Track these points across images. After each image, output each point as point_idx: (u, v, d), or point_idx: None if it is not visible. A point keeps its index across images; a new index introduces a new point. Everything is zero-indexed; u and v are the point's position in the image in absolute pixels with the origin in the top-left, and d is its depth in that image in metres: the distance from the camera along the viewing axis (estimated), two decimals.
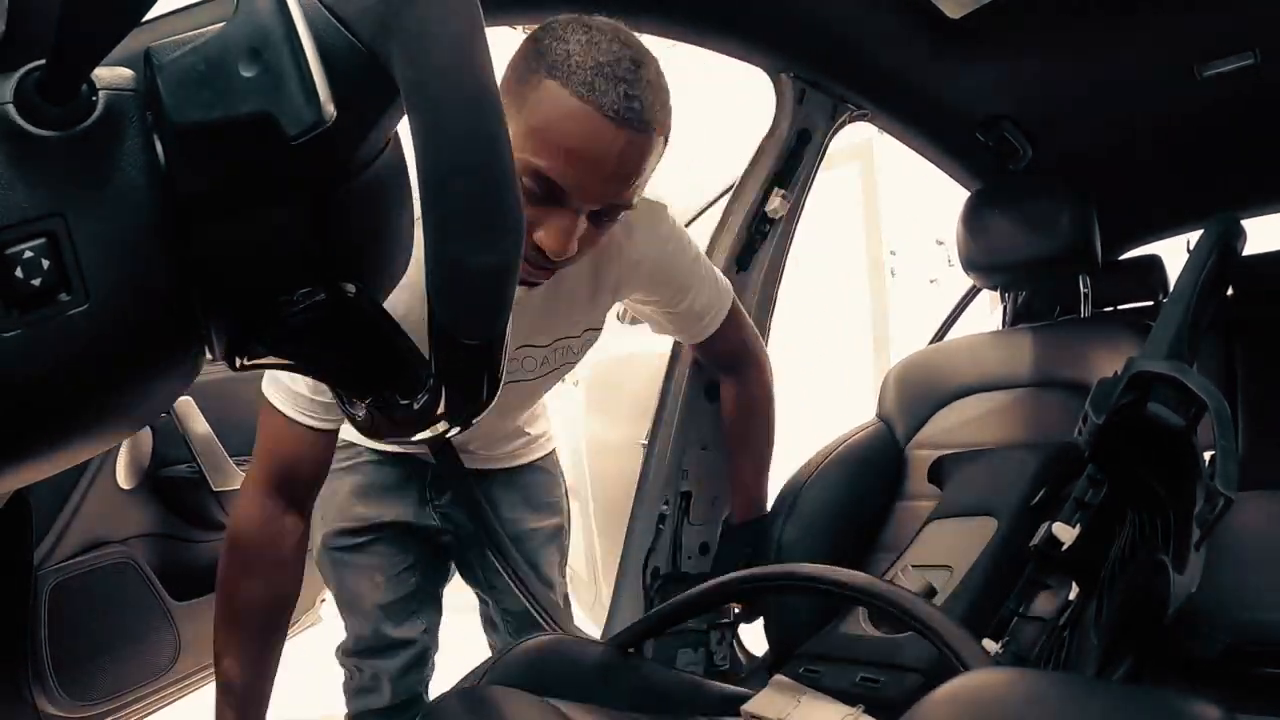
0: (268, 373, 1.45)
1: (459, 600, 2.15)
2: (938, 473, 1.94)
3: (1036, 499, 1.69)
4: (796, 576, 1.39)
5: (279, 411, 1.44)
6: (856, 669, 1.48)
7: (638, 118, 1.20)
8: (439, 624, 2.04)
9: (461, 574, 2.11)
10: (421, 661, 1.98)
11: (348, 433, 1.70)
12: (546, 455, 2.11)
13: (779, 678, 1.52)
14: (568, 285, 1.56)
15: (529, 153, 1.21)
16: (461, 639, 2.21)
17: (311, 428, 1.44)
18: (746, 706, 1.45)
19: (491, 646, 2.13)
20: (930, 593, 1.54)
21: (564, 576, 2.13)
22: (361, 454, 1.89)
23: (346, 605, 1.95)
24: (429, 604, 2.01)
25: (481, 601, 2.14)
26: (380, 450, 1.89)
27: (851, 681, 1.47)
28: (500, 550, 1.90)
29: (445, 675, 1.79)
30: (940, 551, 1.72)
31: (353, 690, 2.01)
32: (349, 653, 1.98)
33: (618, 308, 1.86)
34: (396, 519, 1.91)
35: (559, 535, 2.09)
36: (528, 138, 1.21)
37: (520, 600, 1.96)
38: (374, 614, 1.91)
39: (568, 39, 1.20)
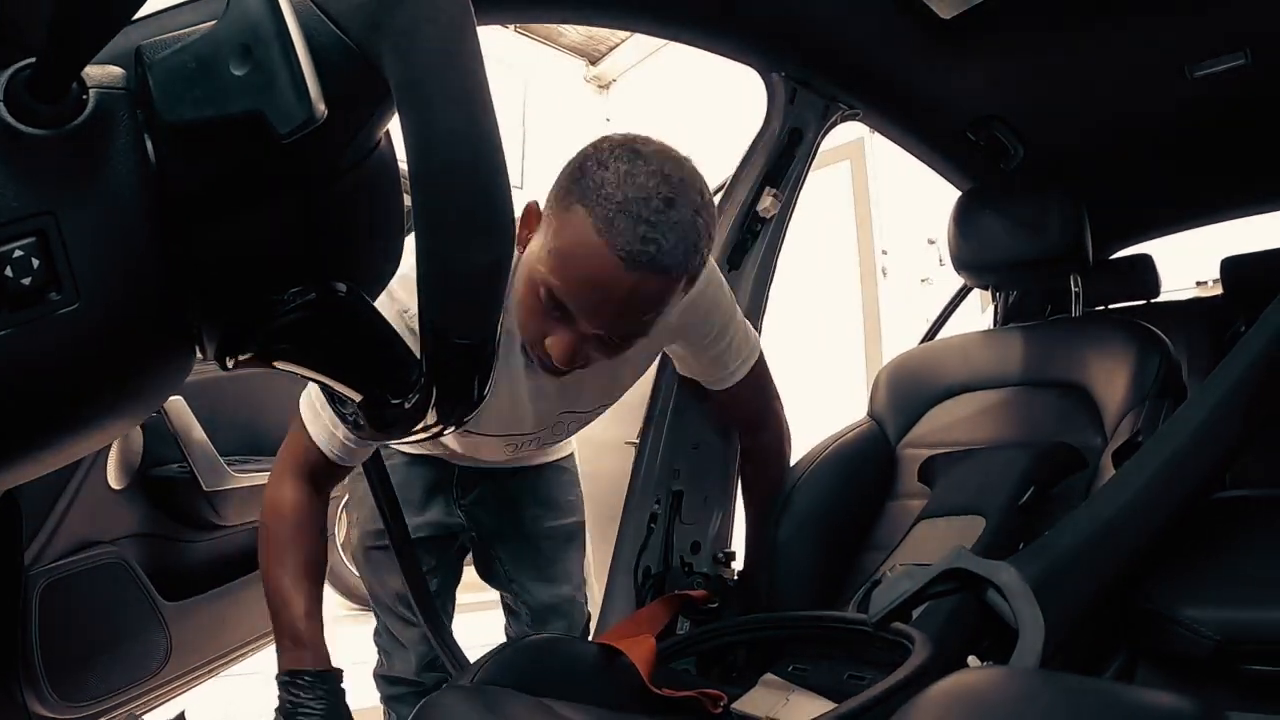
0: (305, 396, 1.51)
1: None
2: (928, 472, 1.94)
3: (1025, 498, 1.69)
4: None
5: (311, 439, 1.51)
6: (843, 667, 1.49)
7: (652, 261, 1.20)
8: (453, 618, 2.12)
9: (479, 570, 2.18)
10: None
11: None
12: (567, 455, 2.19)
13: (768, 676, 1.53)
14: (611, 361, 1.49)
15: (545, 269, 1.25)
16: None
17: (338, 460, 1.53)
18: (736, 704, 1.45)
19: (507, 632, 2.22)
20: None
21: (583, 572, 2.21)
22: (393, 455, 1.96)
23: (376, 600, 2.07)
24: (449, 602, 2.11)
25: (498, 589, 2.21)
26: (410, 452, 1.97)
27: (839, 679, 1.47)
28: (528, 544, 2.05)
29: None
30: (929, 551, 1.72)
31: (382, 676, 2.12)
32: (380, 641, 2.12)
33: None
34: (425, 523, 1.99)
35: (579, 532, 2.17)
36: (547, 255, 1.25)
37: (539, 594, 2.08)
38: (403, 612, 2.00)
39: (609, 165, 1.21)
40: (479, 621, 2.24)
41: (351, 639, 1.93)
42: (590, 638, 2.06)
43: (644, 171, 1.21)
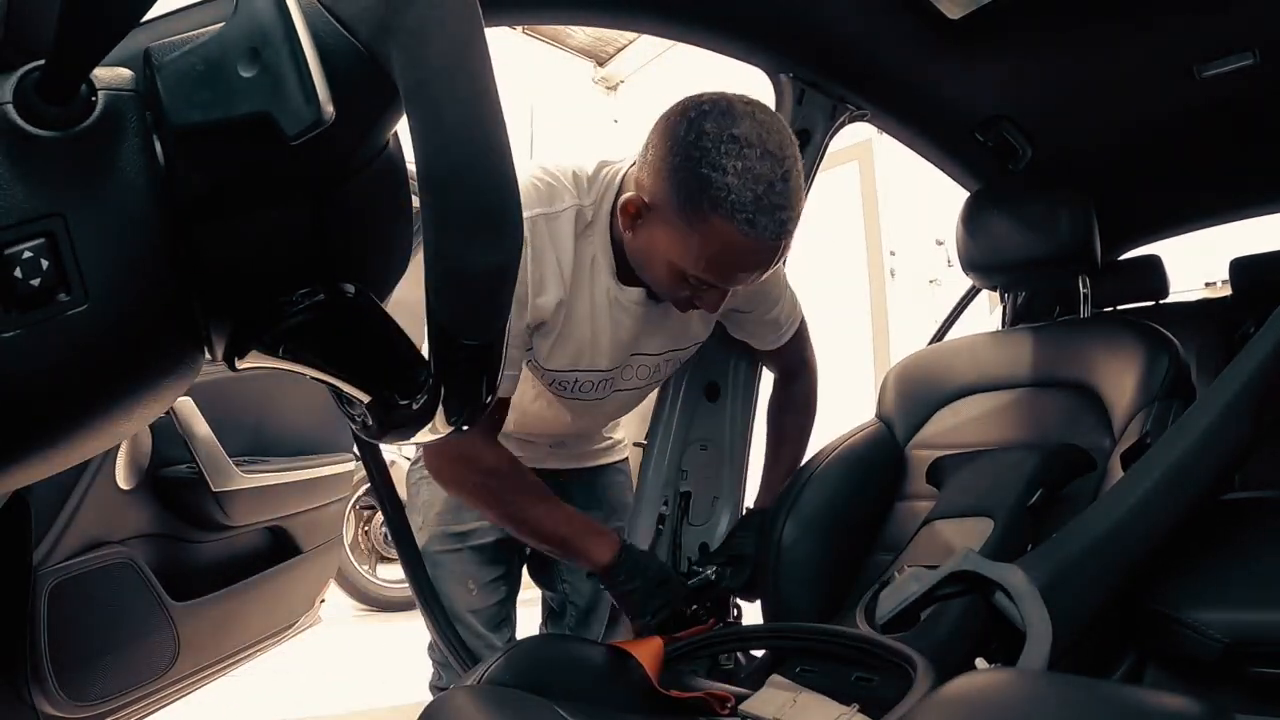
0: None
1: None
2: (936, 473, 1.94)
3: (1033, 500, 1.69)
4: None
5: None
6: (851, 669, 1.49)
7: (790, 230, 1.40)
8: (515, 626, 2.13)
9: (532, 571, 2.18)
10: None
11: None
12: (624, 459, 2.20)
13: (776, 677, 1.53)
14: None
15: (702, 270, 1.42)
16: None
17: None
18: (744, 706, 1.45)
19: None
20: None
21: None
22: None
23: (436, 609, 2.02)
24: (513, 612, 2.10)
25: (548, 590, 2.23)
26: None
27: (847, 681, 1.47)
28: None
29: None
30: (937, 553, 1.72)
31: (438, 688, 2.10)
32: (435, 655, 2.08)
33: None
34: (488, 531, 1.98)
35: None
36: (697, 259, 1.41)
37: (589, 594, 2.11)
38: (467, 619, 1.98)
39: (724, 166, 1.33)
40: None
41: (361, 640, 1.91)
42: (600, 638, 2.06)
43: (755, 157, 1.33)
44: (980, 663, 1.35)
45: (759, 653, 1.91)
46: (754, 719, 1.42)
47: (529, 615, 2.17)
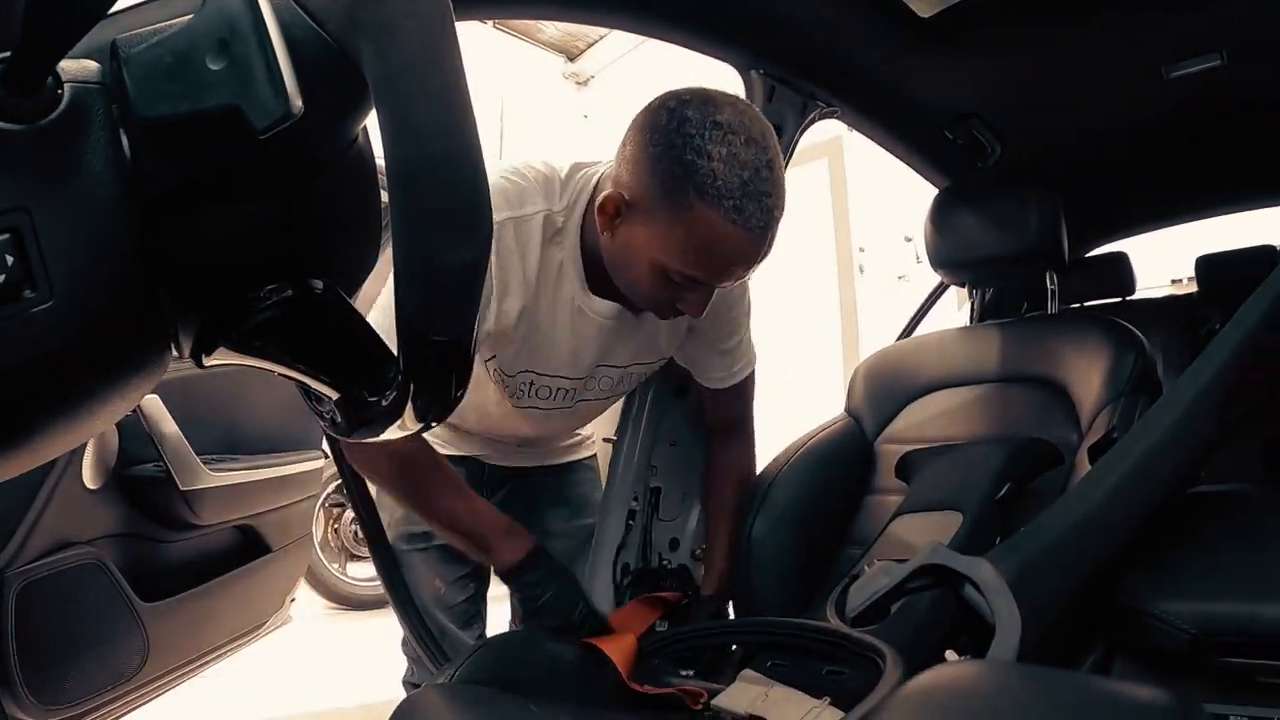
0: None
1: None
2: (905, 468, 1.95)
3: (1002, 493, 1.70)
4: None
5: None
6: (822, 663, 1.49)
7: (775, 219, 1.38)
8: (486, 623, 2.11)
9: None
10: None
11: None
12: (592, 455, 2.20)
13: (747, 672, 1.53)
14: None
15: (689, 265, 1.38)
16: None
17: None
18: (716, 701, 1.46)
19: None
20: None
21: None
22: None
23: (406, 604, 1.97)
24: (483, 608, 2.08)
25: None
26: (445, 451, 1.92)
27: (818, 675, 1.48)
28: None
29: None
30: (906, 547, 1.74)
31: (411, 683, 2.08)
32: (409, 650, 2.06)
33: None
34: None
35: (591, 536, 2.13)
36: (683, 251, 1.36)
37: None
38: (437, 616, 1.96)
39: (709, 152, 1.30)
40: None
41: (332, 638, 1.89)
42: None
43: (739, 143, 1.31)
44: (950, 655, 1.35)
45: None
46: (727, 714, 1.43)
47: (501, 611, 2.16)
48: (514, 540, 1.70)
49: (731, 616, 1.94)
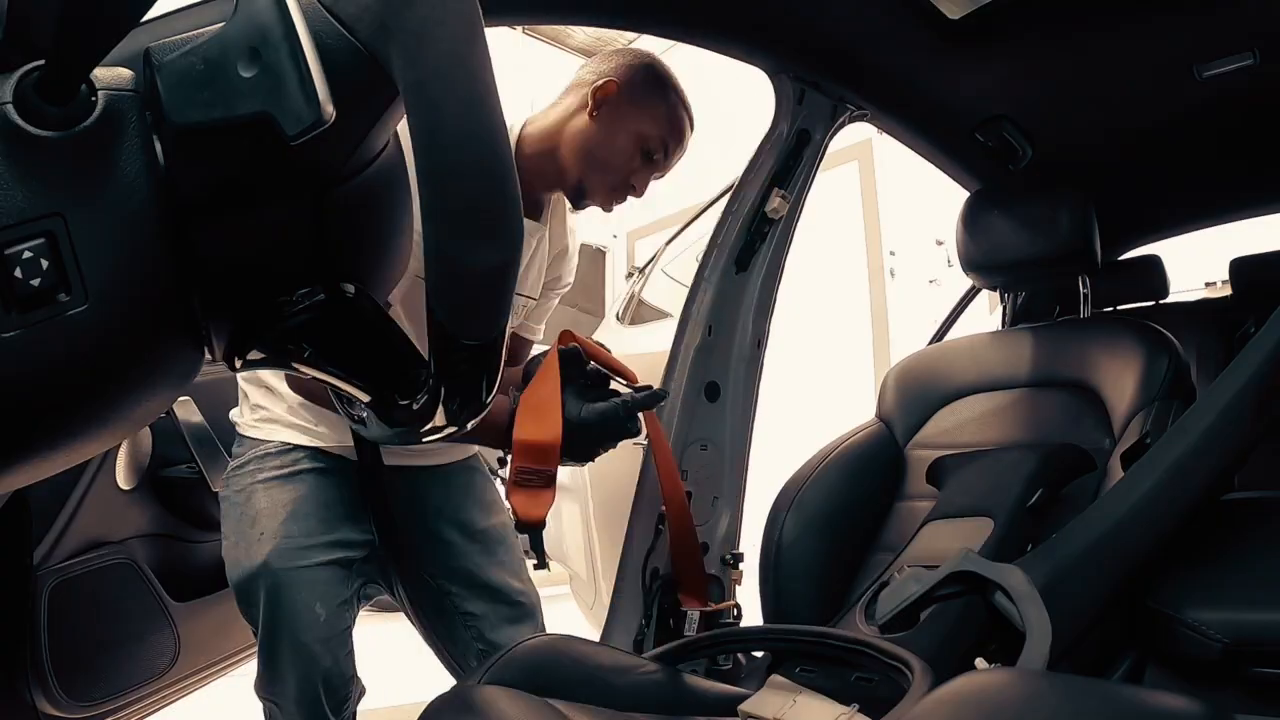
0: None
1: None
2: (936, 473, 1.94)
3: (1033, 500, 1.69)
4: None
5: None
6: (851, 669, 1.49)
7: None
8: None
9: (396, 596, 1.92)
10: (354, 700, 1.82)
11: (275, 433, 1.72)
12: (474, 454, 2.02)
13: (775, 678, 1.53)
14: (549, 241, 1.91)
15: (658, 130, 1.77)
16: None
17: None
18: (744, 706, 1.45)
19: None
20: None
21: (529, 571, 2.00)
22: (299, 461, 1.73)
23: (278, 638, 1.68)
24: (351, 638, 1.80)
25: (432, 633, 1.96)
26: (317, 454, 1.74)
27: (846, 681, 1.47)
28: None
29: None
30: (937, 552, 1.72)
31: None
32: (273, 692, 1.73)
33: (619, 307, 1.93)
34: (339, 540, 1.73)
35: (509, 531, 1.97)
36: (658, 121, 1.76)
37: (481, 598, 1.89)
38: (313, 651, 1.68)
39: (668, 72, 1.80)
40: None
41: (361, 639, 1.83)
42: (599, 638, 2.06)
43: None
44: (980, 663, 1.35)
45: (758, 654, 1.91)
46: (755, 719, 1.42)
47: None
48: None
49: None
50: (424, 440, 0.68)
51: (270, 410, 1.72)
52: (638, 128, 1.76)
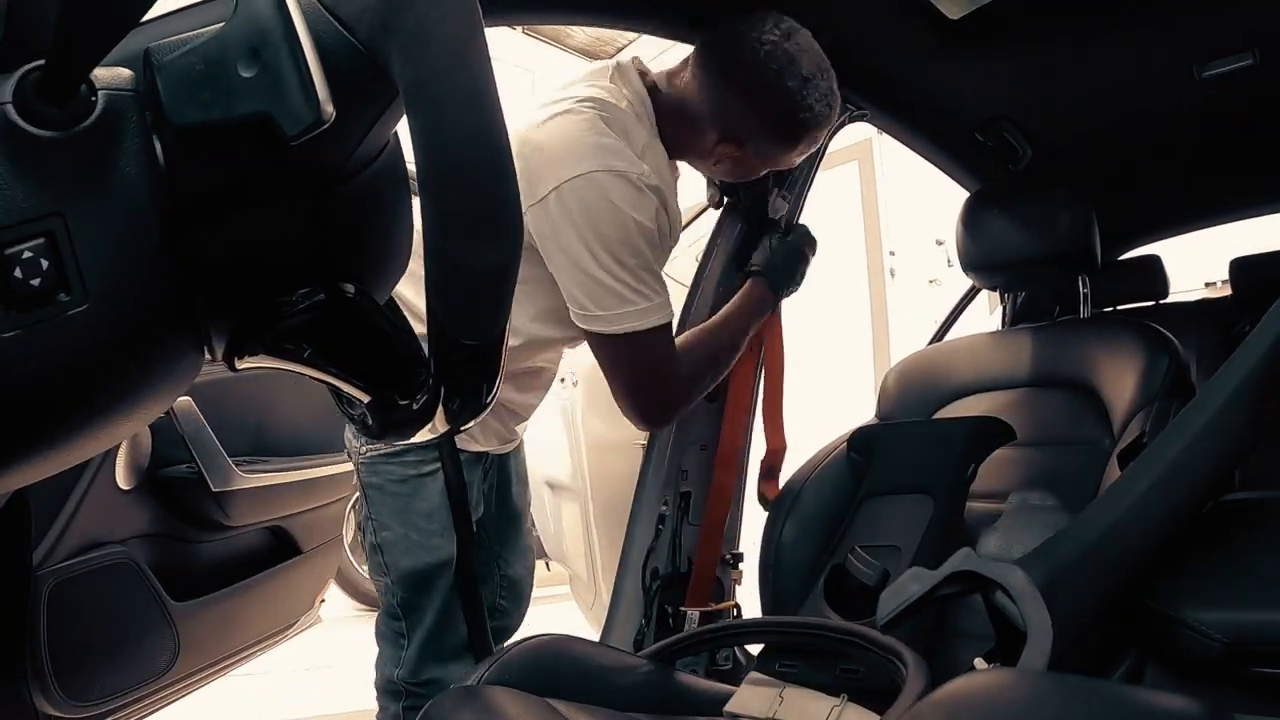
0: (619, 317, 1.59)
1: None
2: (862, 443, 1.97)
3: (968, 473, 1.78)
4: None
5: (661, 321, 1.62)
6: (835, 661, 1.49)
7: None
8: None
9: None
10: None
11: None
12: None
13: (754, 674, 1.52)
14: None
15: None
16: None
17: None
18: (728, 706, 1.45)
19: None
20: (885, 576, 1.61)
21: None
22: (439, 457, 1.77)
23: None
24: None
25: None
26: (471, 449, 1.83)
27: (832, 674, 1.47)
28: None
29: None
30: (886, 532, 1.78)
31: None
32: (405, 691, 1.87)
33: None
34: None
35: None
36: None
37: (517, 566, 2.07)
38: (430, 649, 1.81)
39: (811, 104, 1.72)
40: None
41: (361, 639, 1.85)
42: (599, 638, 2.06)
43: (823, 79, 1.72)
44: (979, 663, 1.35)
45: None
46: (746, 719, 1.42)
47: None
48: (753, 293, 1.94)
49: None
50: (418, 441, 0.68)
51: None
52: (787, 161, 1.82)
